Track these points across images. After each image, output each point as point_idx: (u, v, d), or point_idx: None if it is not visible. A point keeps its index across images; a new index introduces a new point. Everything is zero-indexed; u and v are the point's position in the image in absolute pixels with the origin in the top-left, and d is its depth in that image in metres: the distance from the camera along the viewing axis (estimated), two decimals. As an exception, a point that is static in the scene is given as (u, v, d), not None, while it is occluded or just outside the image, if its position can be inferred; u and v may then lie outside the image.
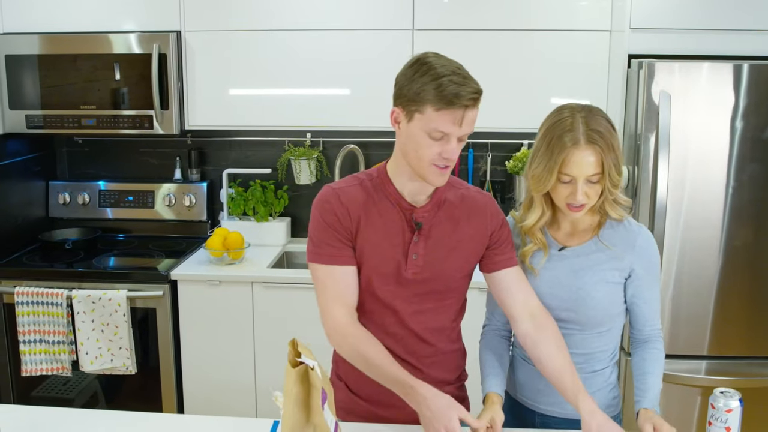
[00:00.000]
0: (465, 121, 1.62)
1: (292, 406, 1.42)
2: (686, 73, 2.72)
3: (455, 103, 1.58)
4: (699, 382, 2.92)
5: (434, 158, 1.65)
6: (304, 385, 1.45)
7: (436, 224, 1.79)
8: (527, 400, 1.92)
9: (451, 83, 1.58)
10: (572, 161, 1.69)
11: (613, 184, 1.73)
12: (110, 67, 3.29)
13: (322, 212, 1.77)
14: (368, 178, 1.81)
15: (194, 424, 1.93)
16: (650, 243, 1.83)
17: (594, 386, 1.86)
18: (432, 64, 1.62)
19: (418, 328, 1.82)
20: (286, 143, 3.64)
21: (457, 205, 1.82)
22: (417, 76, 1.62)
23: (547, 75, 3.19)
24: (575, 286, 1.81)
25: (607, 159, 1.69)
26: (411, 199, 1.78)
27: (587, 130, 1.69)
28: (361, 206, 1.77)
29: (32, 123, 3.37)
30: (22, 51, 3.30)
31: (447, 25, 3.18)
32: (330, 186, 1.82)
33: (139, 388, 3.31)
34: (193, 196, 3.69)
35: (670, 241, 2.82)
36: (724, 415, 1.62)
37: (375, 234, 1.77)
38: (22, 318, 3.14)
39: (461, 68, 1.64)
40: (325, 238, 1.77)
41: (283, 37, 3.27)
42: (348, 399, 1.89)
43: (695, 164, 2.78)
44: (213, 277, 3.18)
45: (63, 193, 3.74)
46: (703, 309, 2.88)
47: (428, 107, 1.61)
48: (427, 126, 1.62)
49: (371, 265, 1.77)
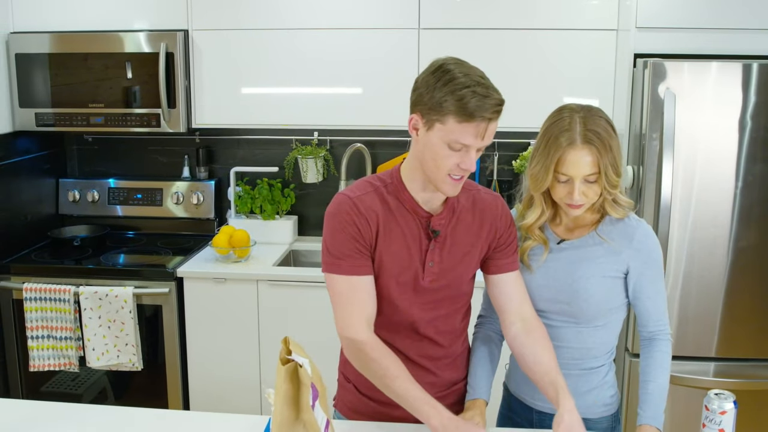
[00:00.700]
0: (487, 134, 1.59)
1: (281, 404, 1.43)
2: (694, 72, 2.70)
3: (478, 116, 1.55)
4: (707, 384, 2.88)
5: (452, 168, 1.63)
6: (294, 382, 1.45)
7: (451, 231, 1.78)
8: (526, 397, 1.93)
9: (474, 95, 1.54)
10: (568, 161, 1.69)
11: (610, 184, 1.72)
12: (118, 65, 3.32)
13: (342, 223, 1.72)
14: (383, 185, 1.77)
15: (199, 421, 1.93)
16: (649, 237, 1.82)
17: (590, 384, 1.86)
18: (455, 73, 1.58)
19: (433, 332, 1.82)
20: (293, 142, 3.65)
21: (470, 209, 1.81)
22: (439, 85, 1.58)
23: (553, 74, 3.18)
24: (570, 279, 1.81)
25: (604, 159, 1.69)
26: (426, 206, 1.76)
27: (584, 131, 1.69)
28: (379, 215, 1.73)
29: (42, 121, 3.40)
30: (32, 50, 3.34)
31: (453, 24, 3.18)
32: (345, 194, 1.76)
33: (146, 385, 3.34)
34: (201, 194, 3.71)
35: (678, 242, 2.80)
36: (718, 417, 1.60)
37: (394, 243, 1.74)
38: (30, 314, 3.17)
39: (484, 78, 1.61)
40: (345, 250, 1.71)
41: (289, 36, 3.28)
42: (356, 400, 1.89)
43: (703, 164, 2.75)
44: (219, 275, 3.20)
45: (73, 191, 3.77)
46: (712, 310, 2.86)
47: (450, 118, 1.57)
48: (448, 137, 1.59)
49: (391, 274, 1.75)
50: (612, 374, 1.92)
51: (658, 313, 1.84)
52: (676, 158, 2.73)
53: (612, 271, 1.81)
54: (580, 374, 1.85)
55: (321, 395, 1.57)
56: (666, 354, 1.82)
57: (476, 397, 1.85)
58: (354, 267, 1.71)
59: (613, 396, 1.92)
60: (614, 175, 1.72)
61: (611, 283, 1.81)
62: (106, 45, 3.31)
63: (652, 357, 1.82)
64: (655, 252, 1.82)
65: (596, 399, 1.87)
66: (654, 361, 1.81)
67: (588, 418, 1.83)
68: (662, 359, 1.81)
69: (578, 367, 1.85)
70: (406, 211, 1.75)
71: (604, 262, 1.80)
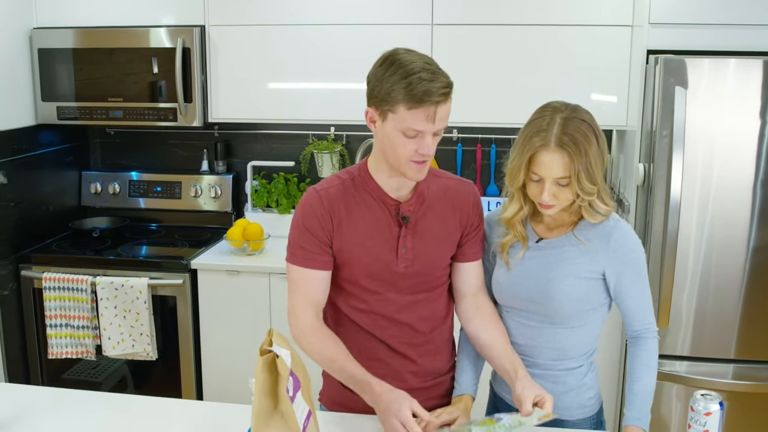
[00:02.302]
0: (438, 117, 1.62)
1: (259, 394, 1.45)
2: (710, 69, 2.66)
3: (426, 101, 1.58)
4: (726, 387, 2.85)
5: (411, 155, 1.66)
6: (272, 373, 1.48)
7: (421, 217, 1.81)
8: (507, 396, 1.92)
9: (420, 81, 1.58)
10: (539, 161, 1.68)
11: (583, 190, 1.69)
12: (136, 60, 3.38)
13: (303, 216, 1.80)
14: (350, 177, 1.82)
15: (210, 411, 1.97)
16: (627, 237, 1.79)
17: (567, 385, 1.84)
18: (401, 62, 1.62)
19: (414, 318, 1.84)
20: (310, 137, 3.68)
21: (441, 196, 1.84)
22: (387, 76, 1.62)
23: (568, 70, 3.15)
24: (545, 279, 1.79)
25: (576, 165, 1.66)
26: (394, 194, 1.79)
27: (560, 133, 1.66)
28: (342, 207, 1.78)
29: (63, 114, 3.48)
30: (54, 45, 3.42)
31: (466, 20, 3.17)
32: (314, 188, 1.83)
33: (163, 375, 3.40)
34: (219, 187, 3.76)
35: (696, 241, 2.76)
36: (703, 418, 1.58)
37: (360, 233, 1.78)
38: (49, 303, 3.26)
39: (431, 63, 1.64)
40: (301, 242, 1.79)
41: (304, 32, 3.30)
42: (340, 393, 1.91)
43: (721, 162, 2.71)
44: (232, 267, 3.24)
45: (95, 183, 3.85)
46: (730, 311, 2.81)
47: (400, 107, 1.61)
48: (401, 125, 1.63)
49: (362, 264, 1.79)
50: (592, 376, 1.89)
51: (643, 312, 1.82)
52: (691, 156, 2.69)
53: (587, 272, 1.79)
54: (558, 375, 1.83)
55: (304, 387, 1.59)
56: (652, 353, 1.80)
57: (462, 392, 1.87)
58: (306, 259, 1.78)
59: (592, 399, 1.88)
60: (588, 182, 1.68)
61: (587, 284, 1.79)
62: (125, 41, 3.37)
63: (638, 356, 1.80)
64: (634, 251, 1.79)
65: (572, 401, 1.84)
66: (639, 360, 1.80)
67: (566, 419, 1.83)
68: (648, 358, 1.79)
69: (555, 368, 1.84)
70: (373, 201, 1.79)
71: (580, 263, 1.78)
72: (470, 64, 3.18)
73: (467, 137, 3.63)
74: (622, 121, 3.13)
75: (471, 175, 3.66)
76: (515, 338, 1.86)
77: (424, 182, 1.80)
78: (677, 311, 2.82)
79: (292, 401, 1.50)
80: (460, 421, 1.77)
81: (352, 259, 1.79)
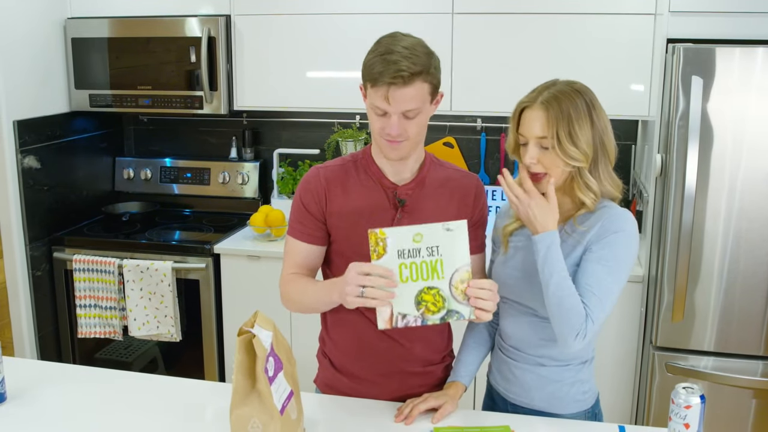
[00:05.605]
0: (394, 99, 1.64)
1: (236, 372, 1.50)
2: (731, 57, 2.60)
3: (380, 81, 1.64)
4: (754, 384, 2.81)
5: (380, 132, 1.71)
6: (250, 353, 1.52)
7: (419, 201, 1.83)
8: (500, 389, 1.91)
9: (381, 62, 1.63)
10: (522, 120, 1.70)
11: (566, 154, 1.63)
12: (165, 50, 3.46)
13: (302, 191, 1.86)
14: (353, 160, 1.87)
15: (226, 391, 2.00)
16: (615, 220, 1.69)
17: (560, 378, 1.80)
18: (381, 42, 1.69)
19: None
20: (335, 125, 3.71)
21: (442, 184, 1.85)
22: (368, 54, 1.70)
23: (590, 59, 3.11)
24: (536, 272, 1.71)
25: (557, 124, 1.63)
26: (394, 177, 1.83)
27: (548, 96, 1.66)
28: (339, 185, 1.83)
29: (95, 102, 3.59)
30: (88, 34, 3.53)
31: (487, 9, 3.16)
32: (316, 166, 1.89)
33: (188, 356, 3.49)
34: (246, 174, 3.83)
35: (723, 236, 2.71)
36: (683, 411, 1.56)
37: (354, 212, 1.81)
38: (78, 284, 3.38)
39: (408, 47, 1.65)
40: (299, 217, 1.86)
41: (328, 21, 3.33)
42: (332, 376, 1.96)
43: (747, 153, 2.64)
44: (253, 252, 3.31)
45: (128, 169, 3.96)
46: (759, 306, 2.75)
47: (368, 84, 1.69)
48: (370, 101, 1.70)
49: (354, 242, 1.81)
50: (587, 370, 1.84)
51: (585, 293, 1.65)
52: (716, 147, 2.63)
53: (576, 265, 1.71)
54: (549, 369, 1.80)
55: (287, 368, 1.63)
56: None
57: (455, 380, 1.88)
58: (300, 233, 1.86)
59: (586, 393, 1.84)
60: (570, 145, 1.63)
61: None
62: (155, 30, 3.46)
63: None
64: (616, 236, 1.67)
65: (565, 395, 1.81)
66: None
67: (558, 413, 1.82)
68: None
69: (547, 363, 1.80)
70: (372, 183, 1.83)
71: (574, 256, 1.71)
72: (492, 53, 3.17)
73: (491, 126, 3.61)
74: (645, 111, 3.08)
75: (495, 164, 3.65)
76: (509, 331, 1.85)
77: (426, 170, 1.84)
78: (701, 305, 2.78)
79: (272, 382, 1.53)
80: (447, 408, 1.79)
81: (344, 236, 1.83)
